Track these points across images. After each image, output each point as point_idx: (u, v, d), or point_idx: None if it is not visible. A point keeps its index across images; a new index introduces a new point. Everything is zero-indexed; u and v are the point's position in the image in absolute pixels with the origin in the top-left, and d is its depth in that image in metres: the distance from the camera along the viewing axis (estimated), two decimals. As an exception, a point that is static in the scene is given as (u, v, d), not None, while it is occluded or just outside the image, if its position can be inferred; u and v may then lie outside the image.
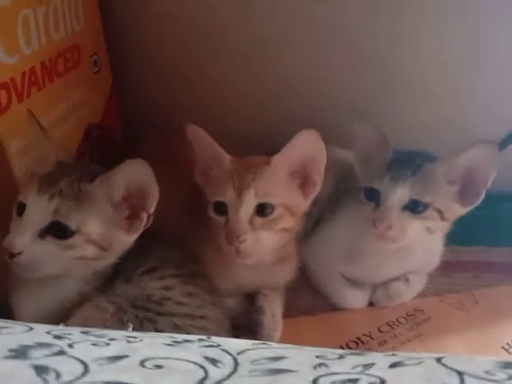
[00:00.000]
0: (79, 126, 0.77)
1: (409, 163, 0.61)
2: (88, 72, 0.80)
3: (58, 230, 0.50)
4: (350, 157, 0.67)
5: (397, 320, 0.66)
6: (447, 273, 0.70)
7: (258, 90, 0.91)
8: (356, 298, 0.69)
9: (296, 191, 0.60)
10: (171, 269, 0.59)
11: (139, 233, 0.54)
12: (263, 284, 0.67)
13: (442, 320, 0.65)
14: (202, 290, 0.59)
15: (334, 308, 0.69)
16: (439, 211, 0.60)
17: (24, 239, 0.49)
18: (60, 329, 0.30)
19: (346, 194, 0.66)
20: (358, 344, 0.63)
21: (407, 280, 0.68)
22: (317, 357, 0.29)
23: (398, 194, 0.60)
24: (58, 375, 0.23)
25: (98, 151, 0.82)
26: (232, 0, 0.84)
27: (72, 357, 0.26)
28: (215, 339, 0.32)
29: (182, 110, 0.92)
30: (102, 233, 0.52)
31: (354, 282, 0.69)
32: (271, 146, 0.72)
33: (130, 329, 0.33)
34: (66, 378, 0.23)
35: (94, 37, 0.81)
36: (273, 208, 0.58)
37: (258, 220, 0.58)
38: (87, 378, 0.23)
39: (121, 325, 0.50)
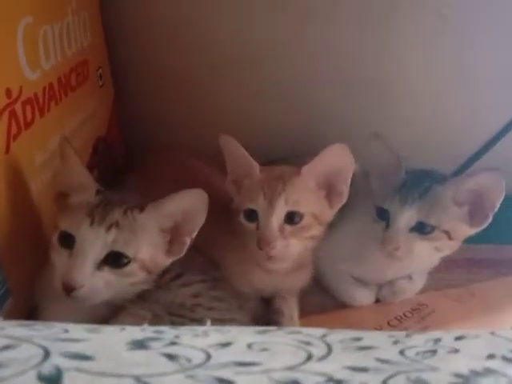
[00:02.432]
0: (90, 139, 0.78)
1: (417, 186, 0.64)
2: (95, 85, 0.82)
3: (114, 260, 0.52)
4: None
5: (404, 314, 0.71)
6: (444, 269, 0.75)
7: (254, 105, 0.95)
8: (364, 296, 0.73)
9: (323, 201, 0.64)
10: (197, 275, 0.62)
11: (181, 255, 0.56)
12: (280, 289, 0.70)
13: (445, 312, 0.70)
14: (228, 295, 0.62)
15: (342, 306, 0.73)
16: (446, 232, 0.64)
17: (85, 273, 0.50)
18: (148, 328, 0.32)
19: (354, 198, 0.70)
20: (371, 338, 0.67)
21: (411, 278, 0.73)
22: (389, 336, 0.33)
23: (406, 217, 0.63)
24: (188, 360, 0.26)
25: (104, 165, 0.84)
26: (229, 18, 0.88)
27: (188, 345, 0.28)
28: (287, 329, 0.35)
29: (181, 125, 0.96)
30: (150, 258, 0.54)
31: (362, 281, 0.74)
32: (266, 159, 0.77)
33: (209, 324, 0.36)
34: (196, 361, 0.26)
35: (98, 52, 0.83)
36: (301, 216, 0.61)
37: (288, 228, 0.61)
38: (214, 360, 0.26)
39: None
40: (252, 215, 0.62)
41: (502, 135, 0.93)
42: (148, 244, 0.54)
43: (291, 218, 0.61)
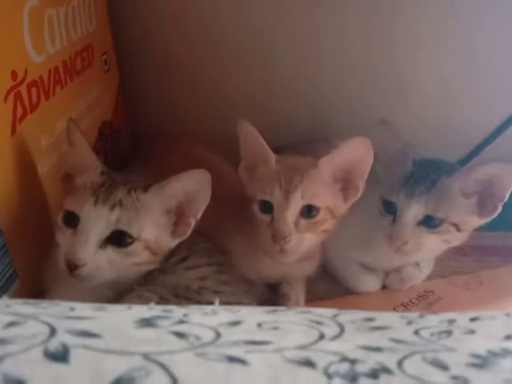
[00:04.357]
0: (95, 123, 0.78)
1: (424, 178, 0.62)
2: (100, 70, 0.81)
3: (118, 239, 0.52)
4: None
5: (410, 301, 0.70)
6: (451, 256, 0.74)
7: (260, 91, 0.93)
8: (371, 282, 0.73)
9: (338, 194, 0.61)
10: (203, 258, 0.61)
11: (185, 237, 0.56)
12: (287, 276, 0.69)
13: (452, 300, 0.70)
14: (235, 279, 0.62)
15: (349, 292, 0.73)
16: (455, 225, 0.62)
17: (88, 251, 0.50)
18: (155, 307, 0.31)
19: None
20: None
21: (418, 264, 0.73)
22: (401, 317, 0.32)
23: (413, 211, 0.62)
24: (198, 338, 0.26)
25: (110, 150, 0.83)
26: (236, 4, 0.87)
27: (197, 324, 0.28)
28: (296, 309, 0.35)
29: (187, 112, 0.95)
30: (155, 239, 0.54)
31: (368, 267, 0.73)
32: (273, 146, 0.76)
33: (217, 303, 0.35)
34: (206, 339, 0.25)
35: (103, 37, 0.82)
36: (318, 210, 0.59)
37: (303, 221, 0.59)
38: (224, 339, 0.26)
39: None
40: (267, 207, 0.60)
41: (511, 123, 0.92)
42: (152, 224, 0.54)
43: (307, 211, 0.59)
